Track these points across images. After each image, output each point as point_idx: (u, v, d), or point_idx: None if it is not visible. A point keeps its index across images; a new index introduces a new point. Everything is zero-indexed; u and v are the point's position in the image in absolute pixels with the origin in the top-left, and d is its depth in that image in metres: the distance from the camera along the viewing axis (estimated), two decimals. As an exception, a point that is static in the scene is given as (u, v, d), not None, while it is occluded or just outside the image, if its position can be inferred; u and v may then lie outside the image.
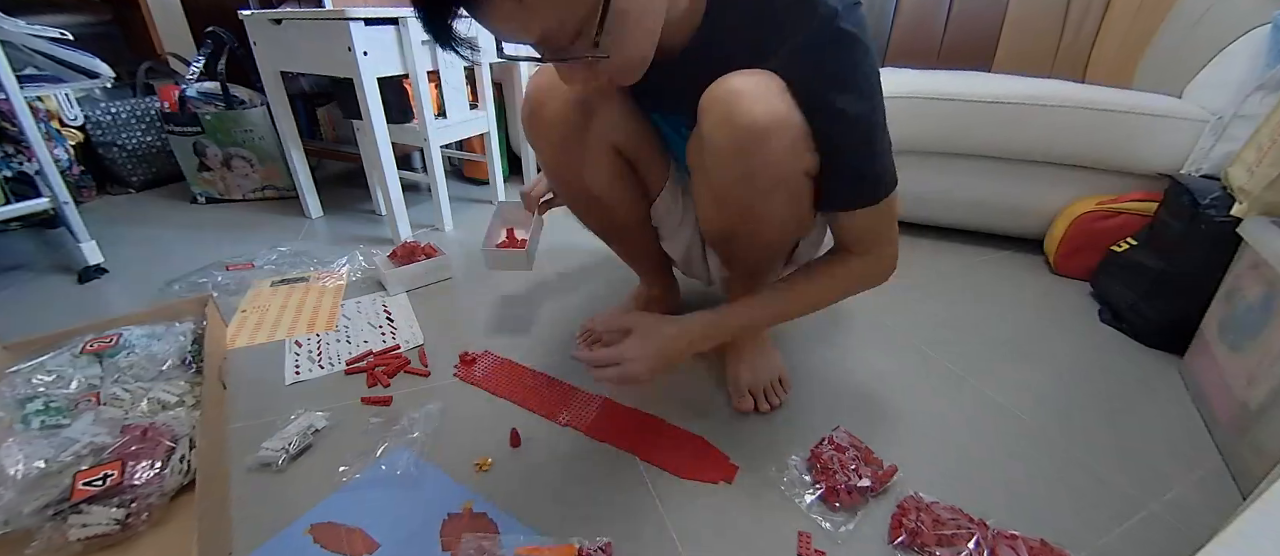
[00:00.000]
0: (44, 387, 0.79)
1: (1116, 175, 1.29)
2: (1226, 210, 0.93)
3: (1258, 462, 0.71)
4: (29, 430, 0.72)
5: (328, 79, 1.79)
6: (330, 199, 1.76)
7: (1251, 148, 0.93)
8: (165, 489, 0.67)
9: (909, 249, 0.92)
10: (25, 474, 0.64)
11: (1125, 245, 1.16)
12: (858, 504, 0.69)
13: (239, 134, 1.70)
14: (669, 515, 0.69)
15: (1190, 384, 0.94)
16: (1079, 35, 1.58)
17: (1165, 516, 0.70)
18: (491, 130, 1.66)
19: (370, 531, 0.66)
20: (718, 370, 0.96)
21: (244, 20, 1.40)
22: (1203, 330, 0.94)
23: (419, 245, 1.29)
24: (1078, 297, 1.24)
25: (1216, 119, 1.15)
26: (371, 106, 1.29)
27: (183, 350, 0.90)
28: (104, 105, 1.75)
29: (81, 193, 1.74)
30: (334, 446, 0.79)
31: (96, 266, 1.31)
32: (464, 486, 0.72)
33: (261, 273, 1.30)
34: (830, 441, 0.77)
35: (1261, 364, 0.76)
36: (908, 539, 0.65)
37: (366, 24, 1.23)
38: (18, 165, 1.36)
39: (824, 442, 0.77)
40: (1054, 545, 0.63)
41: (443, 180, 1.52)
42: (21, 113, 1.17)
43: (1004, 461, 0.78)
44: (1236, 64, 1.19)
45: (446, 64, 1.44)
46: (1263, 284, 0.81)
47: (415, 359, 0.98)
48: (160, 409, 0.78)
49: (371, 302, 1.17)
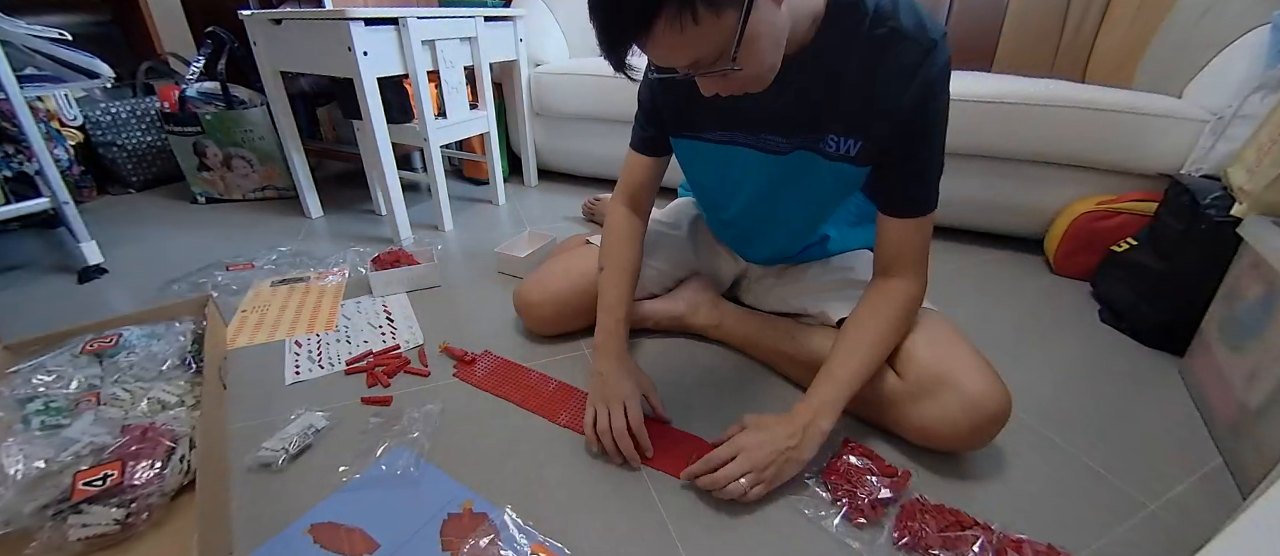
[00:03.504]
0: (44, 387, 0.79)
1: (1116, 175, 1.29)
2: (1226, 210, 0.93)
3: (1258, 462, 0.71)
4: (29, 430, 0.72)
5: (328, 79, 1.79)
6: (330, 199, 1.76)
7: (1251, 148, 0.93)
8: (165, 489, 0.67)
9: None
10: (25, 474, 0.64)
11: (1125, 245, 1.16)
12: (882, 517, 0.68)
13: (239, 134, 1.70)
14: (669, 515, 0.69)
15: (1190, 384, 0.94)
16: (1079, 35, 1.58)
17: (1165, 516, 0.70)
18: (491, 130, 1.66)
19: (370, 531, 0.66)
20: (718, 374, 0.96)
21: (244, 20, 1.40)
22: (1203, 330, 0.94)
23: (403, 251, 1.28)
24: (1078, 297, 1.24)
25: (1216, 119, 1.15)
26: (371, 106, 1.29)
27: (183, 350, 0.90)
28: (104, 105, 1.75)
29: (81, 193, 1.74)
30: (334, 446, 0.79)
31: (96, 266, 1.30)
32: (464, 486, 0.72)
33: (261, 273, 1.30)
34: (844, 458, 0.75)
35: (1261, 364, 0.76)
36: (912, 541, 0.64)
37: (366, 24, 1.23)
38: (18, 165, 1.36)
39: (839, 459, 0.75)
40: (1061, 549, 0.63)
41: (443, 180, 1.52)
42: (21, 113, 1.17)
43: (1004, 462, 0.78)
44: (1236, 64, 1.19)
45: (446, 64, 1.44)
46: (1263, 284, 0.81)
47: (415, 359, 0.98)
48: (160, 409, 0.78)
49: (371, 302, 1.17)
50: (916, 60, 0.63)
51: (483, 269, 1.33)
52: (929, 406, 0.72)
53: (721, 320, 1.00)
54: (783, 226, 0.89)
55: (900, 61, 0.63)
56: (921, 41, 0.63)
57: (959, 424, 0.71)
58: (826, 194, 0.80)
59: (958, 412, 0.71)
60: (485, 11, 1.54)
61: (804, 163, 0.74)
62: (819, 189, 0.78)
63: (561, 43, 1.91)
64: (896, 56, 0.63)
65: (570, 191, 1.87)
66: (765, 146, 0.76)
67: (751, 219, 0.91)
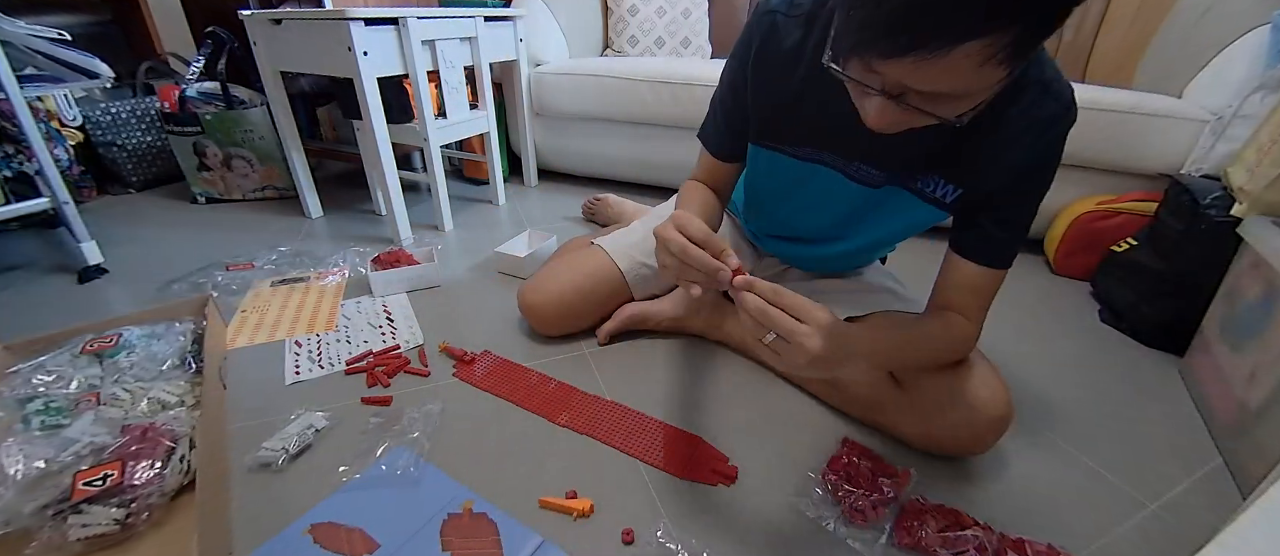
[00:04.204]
0: (44, 387, 0.79)
1: (1116, 175, 1.29)
2: (1226, 210, 0.93)
3: (1258, 462, 0.71)
4: (29, 430, 0.72)
5: (328, 79, 1.79)
6: (330, 199, 1.75)
7: (1251, 148, 0.93)
8: (165, 489, 0.67)
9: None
10: (25, 474, 0.64)
11: (1125, 245, 1.16)
12: (882, 517, 0.68)
13: (239, 134, 1.70)
14: (670, 515, 0.69)
15: (1190, 384, 0.94)
16: (1079, 35, 1.58)
17: (1165, 516, 0.70)
18: (491, 130, 1.66)
19: (370, 531, 0.66)
20: (718, 375, 0.96)
21: (244, 20, 1.40)
22: (1203, 330, 0.94)
23: (403, 252, 1.28)
24: (1078, 297, 1.24)
25: (1216, 119, 1.15)
26: (371, 106, 1.29)
27: (183, 350, 0.90)
28: (104, 105, 1.75)
29: (81, 193, 1.74)
30: (334, 446, 0.79)
31: (96, 266, 1.30)
32: (464, 486, 0.72)
33: (261, 273, 1.30)
34: (844, 457, 0.75)
35: (1261, 364, 0.76)
36: (912, 541, 0.64)
37: (366, 24, 1.23)
38: (18, 165, 1.35)
39: (839, 459, 0.75)
40: (1061, 549, 0.63)
41: (443, 180, 1.52)
42: (21, 113, 1.17)
43: (1004, 462, 0.78)
44: (1236, 64, 1.19)
45: (446, 64, 1.44)
46: (1263, 284, 0.81)
47: (415, 359, 0.98)
48: (160, 409, 0.78)
49: (371, 302, 1.17)
50: (1055, 114, 0.59)
51: (483, 269, 1.33)
52: (932, 412, 0.72)
53: (722, 322, 1.00)
54: (843, 245, 0.84)
55: (1035, 113, 0.58)
56: (1061, 97, 0.58)
57: (961, 430, 0.71)
58: (903, 227, 0.75)
59: (960, 418, 0.71)
60: (485, 11, 1.54)
61: (893, 197, 0.70)
62: (899, 223, 0.74)
63: (561, 43, 1.91)
64: (1032, 107, 0.58)
65: (570, 191, 1.87)
66: (856, 175, 0.71)
67: (812, 231, 0.86)
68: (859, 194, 0.72)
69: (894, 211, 0.72)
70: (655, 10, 1.93)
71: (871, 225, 0.77)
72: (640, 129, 1.72)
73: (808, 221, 0.84)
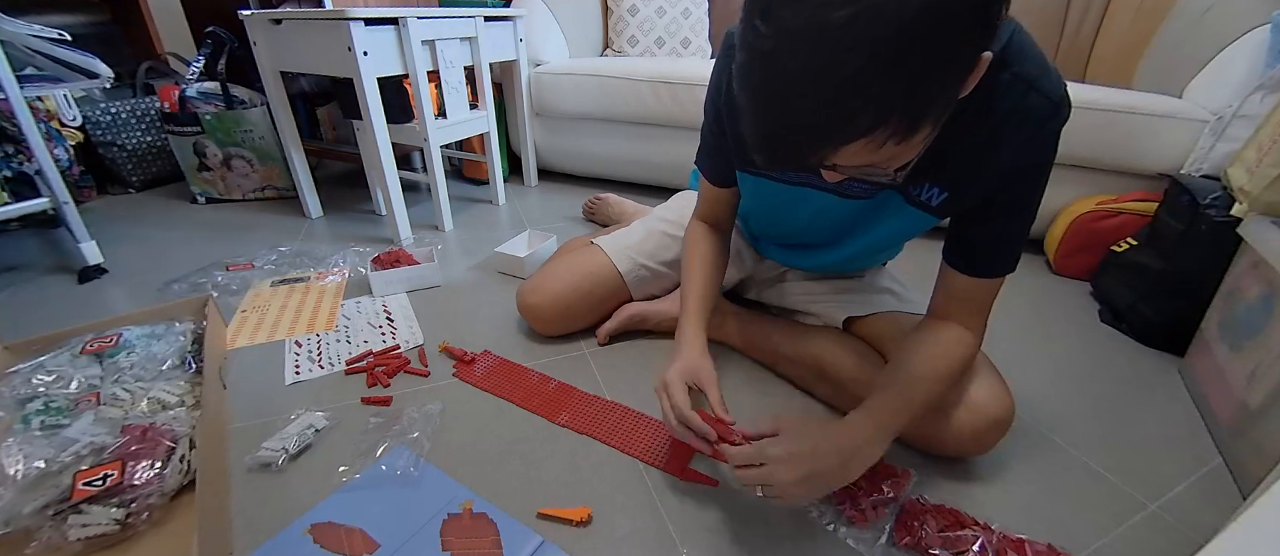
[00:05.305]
0: (44, 387, 0.79)
1: (1116, 175, 1.29)
2: (1226, 210, 0.93)
3: (1258, 462, 0.71)
4: (29, 430, 0.72)
5: (328, 79, 1.79)
6: (330, 199, 1.76)
7: (1251, 148, 0.93)
8: (165, 489, 0.67)
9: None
10: (25, 474, 0.64)
11: (1125, 245, 1.16)
12: (882, 517, 0.67)
13: (239, 134, 1.70)
14: (669, 514, 0.69)
15: (1190, 384, 0.94)
16: (1079, 35, 1.58)
17: (1165, 516, 0.70)
18: (491, 130, 1.66)
19: (370, 531, 0.66)
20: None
21: (244, 20, 1.40)
22: (1203, 330, 0.94)
23: (403, 251, 1.28)
24: (1078, 297, 1.24)
25: (1216, 119, 1.15)
26: (371, 106, 1.29)
27: (183, 350, 0.90)
28: (104, 105, 1.75)
29: (81, 193, 1.74)
30: (334, 446, 0.79)
31: (96, 266, 1.30)
32: (464, 486, 0.72)
33: (261, 273, 1.30)
34: None
35: (1261, 364, 0.76)
36: (912, 541, 0.64)
37: (366, 24, 1.23)
38: (18, 165, 1.35)
39: None
40: (1061, 549, 0.63)
41: (443, 180, 1.52)
42: (21, 113, 1.17)
43: (1004, 462, 0.78)
44: (1236, 64, 1.19)
45: (446, 64, 1.44)
46: (1263, 284, 0.81)
47: (415, 359, 0.98)
48: (160, 409, 0.78)
49: (371, 302, 1.17)
50: (1045, 113, 0.56)
51: (483, 269, 1.33)
52: (933, 413, 0.72)
53: (722, 323, 1.00)
54: (842, 251, 0.83)
55: (1023, 113, 0.56)
56: (1051, 94, 0.55)
57: (962, 430, 0.71)
58: (902, 230, 0.74)
59: (962, 420, 0.71)
60: (485, 11, 1.54)
61: (889, 202, 0.70)
62: (897, 226, 0.73)
63: (561, 43, 1.90)
64: (1020, 107, 0.55)
65: (570, 191, 1.87)
66: (847, 191, 0.70)
67: (810, 239, 0.86)
68: (854, 207, 0.73)
69: (891, 215, 0.71)
70: (655, 10, 1.93)
71: (869, 231, 0.77)
72: (640, 129, 1.72)
73: (805, 233, 0.85)
